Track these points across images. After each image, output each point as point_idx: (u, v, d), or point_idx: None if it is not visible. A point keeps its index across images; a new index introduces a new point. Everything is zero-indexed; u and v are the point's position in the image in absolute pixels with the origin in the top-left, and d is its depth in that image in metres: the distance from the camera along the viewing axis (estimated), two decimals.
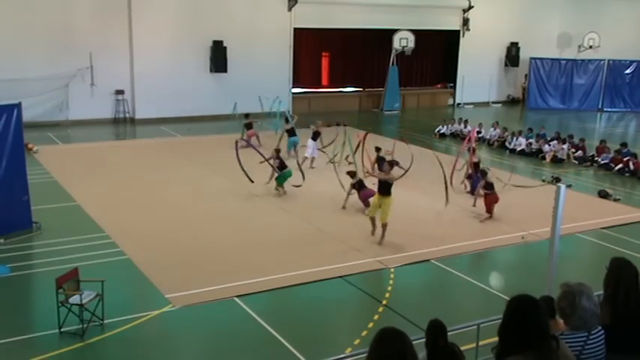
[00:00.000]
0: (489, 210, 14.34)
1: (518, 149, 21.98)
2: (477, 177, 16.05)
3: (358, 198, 14.63)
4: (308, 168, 17.60)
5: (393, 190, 12.58)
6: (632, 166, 19.21)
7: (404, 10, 30.27)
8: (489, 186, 14.43)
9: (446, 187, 14.74)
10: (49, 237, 12.50)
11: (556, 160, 20.87)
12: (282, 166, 15.71)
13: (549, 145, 21.58)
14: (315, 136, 18.94)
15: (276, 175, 15.65)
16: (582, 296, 4.03)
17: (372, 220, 12.82)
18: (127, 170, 18.00)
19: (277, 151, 16.03)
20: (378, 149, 16.97)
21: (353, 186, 14.64)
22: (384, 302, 10.10)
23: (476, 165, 16.35)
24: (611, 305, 4.52)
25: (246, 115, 21.76)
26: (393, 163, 13.89)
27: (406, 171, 14.79)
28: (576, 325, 4.07)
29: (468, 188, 16.23)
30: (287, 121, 20.63)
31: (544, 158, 21.14)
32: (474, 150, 17.22)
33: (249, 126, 21.13)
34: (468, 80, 33.22)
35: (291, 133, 19.83)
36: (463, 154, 17.48)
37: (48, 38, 23.90)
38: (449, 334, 5.26)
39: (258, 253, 11.91)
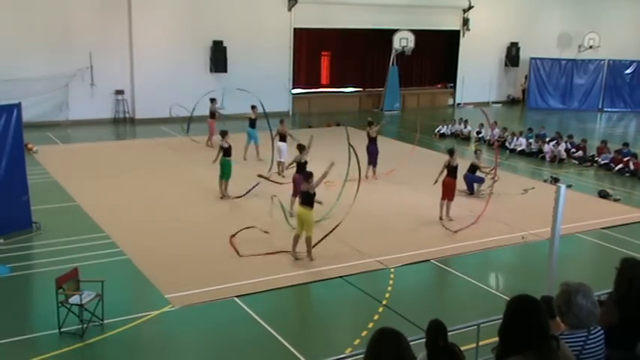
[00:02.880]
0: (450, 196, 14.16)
1: (518, 149, 21.98)
2: (473, 177, 16.08)
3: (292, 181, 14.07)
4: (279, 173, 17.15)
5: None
6: (632, 166, 19.21)
7: (404, 10, 30.26)
8: (452, 170, 14.25)
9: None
10: (49, 237, 12.50)
11: (556, 160, 20.88)
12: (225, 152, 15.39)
13: (549, 145, 21.59)
14: (283, 137, 17.62)
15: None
16: (578, 294, 4.02)
17: (297, 238, 11.70)
18: (127, 170, 18.00)
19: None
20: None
21: (298, 164, 14.06)
22: (384, 302, 10.10)
23: (472, 166, 16.29)
24: (620, 306, 4.49)
25: (212, 100, 21.77)
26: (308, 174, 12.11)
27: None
28: (572, 324, 4.06)
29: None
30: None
31: (544, 158, 21.16)
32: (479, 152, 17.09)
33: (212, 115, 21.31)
34: (468, 80, 33.22)
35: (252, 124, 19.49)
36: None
37: (48, 38, 23.89)
38: (449, 334, 5.26)
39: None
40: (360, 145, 17.76)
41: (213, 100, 21.71)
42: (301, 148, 14.41)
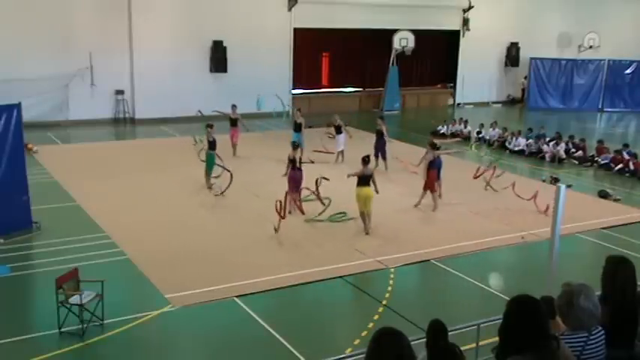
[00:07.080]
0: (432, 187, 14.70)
1: (517, 149, 21.97)
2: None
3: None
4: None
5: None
6: (632, 166, 19.20)
7: (404, 10, 30.26)
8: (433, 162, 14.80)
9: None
10: (49, 237, 12.50)
11: (556, 160, 20.88)
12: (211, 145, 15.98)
13: (549, 145, 21.59)
14: (339, 129, 19.37)
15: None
16: (580, 296, 4.01)
17: (363, 215, 13.06)
18: (127, 170, 17.99)
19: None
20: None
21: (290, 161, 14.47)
22: (384, 302, 10.10)
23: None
24: (607, 304, 4.50)
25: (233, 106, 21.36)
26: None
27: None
28: (573, 325, 4.05)
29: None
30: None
31: (544, 158, 21.16)
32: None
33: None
34: (468, 80, 33.21)
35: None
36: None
37: (48, 38, 23.91)
38: (449, 334, 5.26)
39: (258, 253, 11.91)
40: (363, 144, 17.92)
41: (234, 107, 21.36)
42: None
